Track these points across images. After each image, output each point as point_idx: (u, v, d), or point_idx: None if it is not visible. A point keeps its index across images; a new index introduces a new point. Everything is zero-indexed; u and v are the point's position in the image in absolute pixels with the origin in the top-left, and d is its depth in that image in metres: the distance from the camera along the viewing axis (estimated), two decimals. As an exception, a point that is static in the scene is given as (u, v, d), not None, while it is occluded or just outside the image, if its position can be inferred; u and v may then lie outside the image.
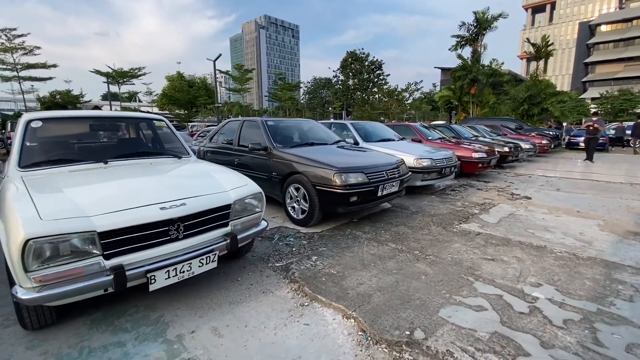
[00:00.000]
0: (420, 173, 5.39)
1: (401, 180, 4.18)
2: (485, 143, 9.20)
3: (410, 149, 5.87)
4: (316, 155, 3.91)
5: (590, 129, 11.04)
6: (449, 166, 5.82)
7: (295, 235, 3.72)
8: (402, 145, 6.35)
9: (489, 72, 19.15)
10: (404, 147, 6.13)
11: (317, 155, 3.96)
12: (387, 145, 6.10)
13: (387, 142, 6.42)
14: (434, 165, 5.53)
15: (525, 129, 15.71)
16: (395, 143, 6.49)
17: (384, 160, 4.27)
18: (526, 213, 4.68)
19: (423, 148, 6.38)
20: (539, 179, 7.72)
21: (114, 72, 26.86)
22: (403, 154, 5.50)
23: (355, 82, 44.66)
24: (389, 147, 5.89)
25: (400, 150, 5.62)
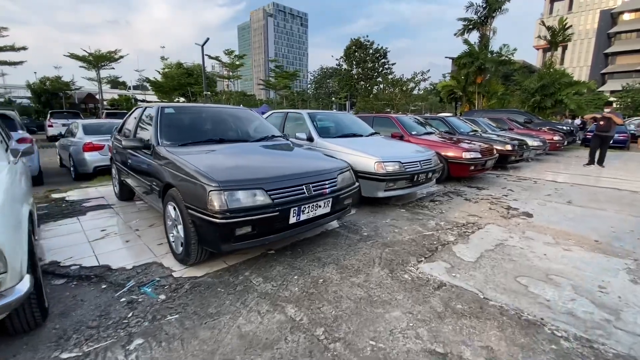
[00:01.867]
0: (382, 181, 4.06)
1: (336, 197, 2.87)
2: (484, 140, 7.75)
3: (375, 149, 4.52)
4: (197, 160, 2.61)
5: (600, 125, 8.28)
6: (425, 171, 4.46)
7: (161, 281, 2.47)
8: (368, 143, 5.00)
9: (497, 59, 17.34)
10: (369, 145, 4.79)
11: (200, 159, 2.66)
12: (349, 142, 4.76)
13: (352, 139, 5.08)
14: (402, 170, 4.18)
15: (536, 123, 14.06)
16: (363, 140, 5.14)
17: (311, 166, 2.96)
18: (521, 243, 3.33)
19: (396, 147, 5.03)
20: (546, 185, 6.29)
21: (90, 55, 25.61)
22: (362, 156, 4.18)
23: (359, 71, 42.78)
24: (349, 145, 4.55)
25: (360, 150, 4.29)
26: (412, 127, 7.00)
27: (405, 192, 4.36)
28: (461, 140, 6.85)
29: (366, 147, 4.51)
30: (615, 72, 54.48)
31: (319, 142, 4.75)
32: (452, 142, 6.30)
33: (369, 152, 4.22)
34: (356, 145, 4.54)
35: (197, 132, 3.42)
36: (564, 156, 11.18)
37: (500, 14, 17.32)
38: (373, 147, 4.67)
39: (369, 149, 4.44)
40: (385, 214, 4.24)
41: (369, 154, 4.16)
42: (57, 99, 27.75)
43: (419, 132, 6.83)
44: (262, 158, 3.04)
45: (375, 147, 4.64)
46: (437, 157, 5.94)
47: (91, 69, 26.32)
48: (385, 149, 4.64)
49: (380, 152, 4.36)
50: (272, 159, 3.04)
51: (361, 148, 4.38)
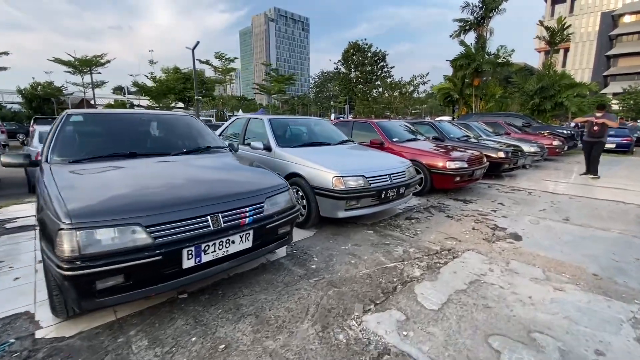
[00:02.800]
0: (342, 199, 3.44)
1: (261, 227, 2.26)
2: (475, 146, 7.13)
3: (338, 160, 3.91)
4: (67, 182, 2.01)
5: (593, 130, 7.15)
6: (397, 186, 3.84)
7: (14, 345, 1.87)
8: (333, 152, 4.38)
9: (495, 60, 16.70)
10: (332, 156, 4.18)
11: (73, 181, 2.06)
12: (310, 153, 4.14)
13: (316, 148, 4.47)
14: (366, 186, 3.56)
15: (535, 126, 13.43)
16: (328, 149, 4.52)
17: (225, 188, 2.33)
18: (503, 279, 2.69)
19: (365, 158, 4.41)
20: (542, 198, 5.64)
21: (76, 60, 25.18)
22: (319, 169, 3.57)
23: (357, 75, 42.27)
24: (308, 156, 3.93)
25: (318, 162, 3.67)
26: (395, 133, 6.39)
27: (372, 211, 3.73)
28: (448, 148, 6.23)
29: (327, 159, 3.89)
30: (618, 74, 53.75)
31: (277, 152, 4.15)
32: (436, 150, 5.68)
33: (328, 164, 3.61)
34: (317, 156, 3.93)
35: (101, 144, 2.81)
36: (564, 162, 10.51)
37: (497, 14, 16.75)
38: (336, 158, 4.06)
39: (330, 160, 3.83)
40: (347, 237, 3.62)
41: (328, 166, 3.54)
42: (48, 104, 27.42)
43: (401, 138, 6.22)
44: (162, 178, 2.36)
45: (338, 158, 4.03)
46: (420, 167, 5.35)
47: (76, 73, 25.88)
48: (350, 160, 4.03)
49: (342, 164, 3.74)
50: (172, 180, 2.36)
51: (321, 159, 3.77)
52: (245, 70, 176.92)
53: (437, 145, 6.38)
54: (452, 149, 6.16)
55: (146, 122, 3.33)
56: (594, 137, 7.22)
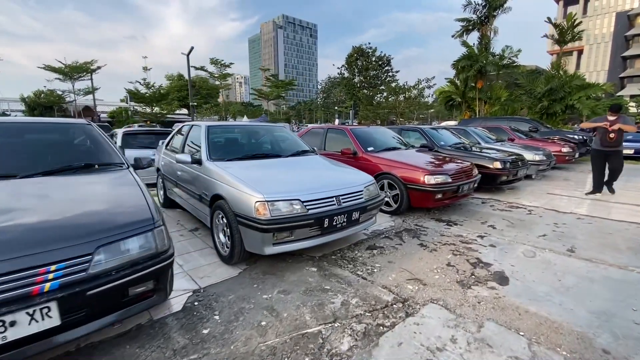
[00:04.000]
0: (266, 231, 2.63)
1: (75, 294, 1.47)
2: (468, 155, 6.24)
3: (272, 178, 3.12)
4: None
5: (609, 138, 5.59)
6: (348, 210, 3.01)
7: None
8: (276, 167, 3.57)
9: (499, 61, 15.67)
10: (272, 171, 3.38)
11: None
12: (244, 168, 3.35)
13: (260, 161, 3.66)
14: (301, 213, 2.75)
15: (543, 131, 12.36)
16: (275, 163, 3.71)
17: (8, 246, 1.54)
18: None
19: (316, 173, 3.59)
20: (544, 217, 4.71)
21: (67, 67, 25.08)
22: (243, 190, 2.78)
23: (361, 79, 41.50)
24: (238, 172, 3.13)
25: (243, 182, 2.88)
26: (371, 141, 5.56)
27: (311, 245, 2.91)
28: (433, 158, 5.37)
29: (260, 175, 3.10)
30: (635, 75, 51.63)
31: (206, 167, 3.37)
32: (416, 161, 4.81)
33: (255, 184, 2.81)
34: (248, 172, 3.14)
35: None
36: (575, 171, 9.46)
37: (502, 12, 15.79)
38: (274, 174, 3.26)
39: (262, 178, 3.04)
40: (280, 279, 2.80)
41: (252, 187, 2.75)
42: (51, 112, 27.51)
43: (377, 147, 5.38)
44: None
45: (276, 175, 3.23)
46: (395, 181, 4.53)
47: (66, 80, 25.82)
48: (291, 178, 3.22)
49: (276, 183, 2.95)
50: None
51: (249, 177, 2.97)
52: (254, 77, 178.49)
53: (421, 155, 5.52)
54: (437, 159, 5.30)
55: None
56: (609, 146, 5.67)
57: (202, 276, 2.86)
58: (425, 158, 5.27)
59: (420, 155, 5.42)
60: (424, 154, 5.61)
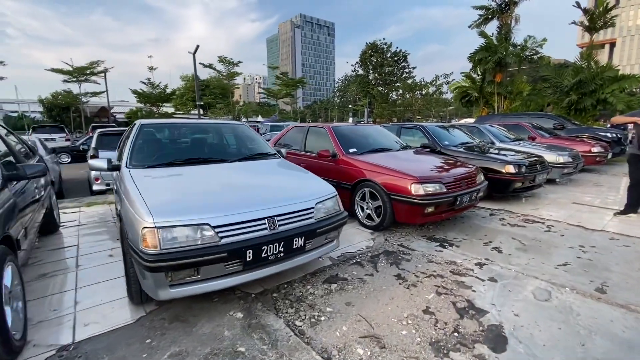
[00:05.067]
0: (156, 270, 1.89)
1: None
2: (475, 157, 5.31)
3: (185, 194, 2.37)
4: None
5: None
6: (286, 237, 2.22)
7: None
8: (208, 176, 2.79)
9: (521, 52, 14.23)
10: (197, 183, 2.62)
11: None
12: (174, 178, 2.64)
13: (193, 168, 2.92)
14: (209, 244, 1.99)
15: (570, 129, 11.03)
16: (211, 170, 2.94)
17: None
18: None
19: (257, 182, 2.81)
20: (567, 236, 3.74)
21: (74, 69, 25.26)
22: (135, 212, 2.06)
23: (375, 76, 40.30)
24: (149, 185, 2.43)
25: (139, 200, 2.15)
26: (355, 141, 4.74)
27: (230, 284, 2.14)
28: (429, 161, 4.49)
29: (173, 188, 2.38)
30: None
31: (122, 175, 2.68)
32: (404, 165, 3.95)
33: (153, 200, 2.08)
34: (160, 184, 2.43)
35: None
36: (608, 174, 8.23)
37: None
38: (194, 185, 2.50)
39: (173, 192, 2.31)
40: (189, 329, 2.06)
41: (145, 206, 2.02)
42: (67, 113, 28.11)
43: (362, 148, 4.55)
44: None
45: (194, 187, 2.47)
46: (376, 189, 3.71)
47: (72, 81, 26.13)
48: (209, 191, 2.45)
49: (181, 200, 2.21)
50: None
51: (155, 191, 2.25)
52: (271, 77, 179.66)
53: (415, 158, 4.65)
54: (434, 163, 4.41)
55: None
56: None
57: (90, 322, 2.17)
58: (418, 161, 4.41)
59: (413, 158, 4.55)
60: (420, 157, 4.73)
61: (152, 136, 3.23)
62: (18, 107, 33.14)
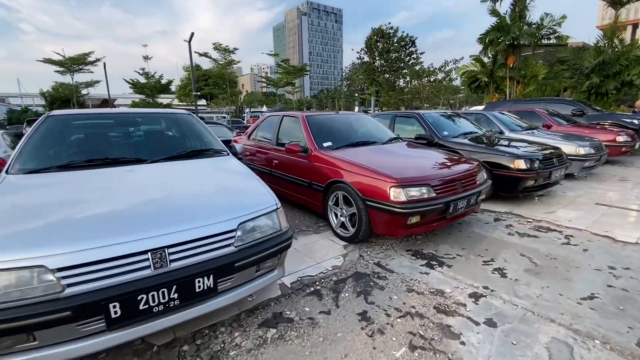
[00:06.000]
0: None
1: None
2: (479, 150, 4.51)
3: (47, 215, 1.68)
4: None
5: None
6: (177, 279, 1.52)
7: None
8: (96, 186, 2.11)
9: (537, 32, 12.97)
10: (79, 195, 1.93)
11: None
12: (57, 187, 1.96)
13: (100, 171, 2.25)
14: (35, 300, 1.30)
15: (591, 115, 9.97)
16: (115, 175, 2.27)
17: None
18: None
19: (161, 194, 2.09)
20: (592, 251, 2.95)
21: (67, 60, 24.65)
22: None
23: (382, 63, 38.81)
24: (22, 201, 1.75)
25: None
26: (333, 132, 4.00)
27: (89, 351, 1.46)
28: (418, 157, 3.73)
29: (20, 209, 1.70)
30: None
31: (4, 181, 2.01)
32: (383, 163, 3.19)
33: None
34: (25, 199, 1.75)
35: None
36: (635, 166, 7.28)
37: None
38: (57, 204, 1.81)
39: (34, 210, 1.63)
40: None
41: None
42: (68, 105, 27.86)
43: (340, 141, 3.80)
44: None
45: (55, 207, 1.77)
46: (350, 193, 2.99)
47: (66, 73, 25.61)
48: (83, 206, 1.75)
49: (23, 226, 1.52)
50: None
51: (12, 209, 1.58)
52: (279, 66, 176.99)
53: (402, 152, 3.87)
54: (425, 159, 3.64)
55: None
56: None
57: None
58: (405, 158, 3.64)
59: (400, 154, 3.77)
60: (409, 151, 3.95)
61: (57, 131, 2.55)
62: (21, 100, 33.10)
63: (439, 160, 3.51)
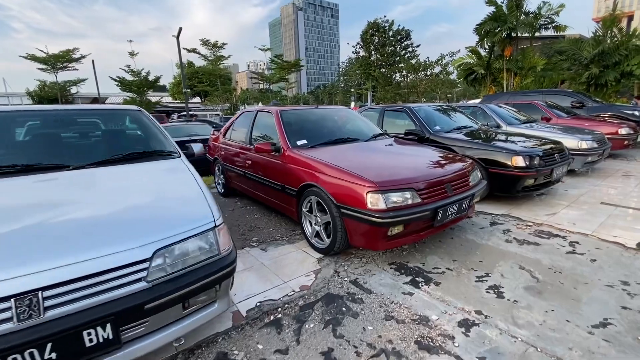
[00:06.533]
0: None
1: None
2: (473, 146, 4.12)
3: None
4: None
5: None
6: (52, 335, 1.12)
7: None
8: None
9: (534, 22, 12.53)
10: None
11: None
12: None
13: (23, 179, 1.84)
14: None
15: (590, 107, 9.58)
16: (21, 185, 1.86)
17: None
18: None
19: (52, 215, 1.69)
20: (601, 259, 2.56)
21: (50, 57, 23.87)
22: None
23: (377, 57, 38.25)
24: None
25: None
26: (308, 129, 3.59)
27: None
28: (405, 156, 3.32)
29: None
30: None
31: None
32: (360, 164, 2.79)
33: None
34: None
35: None
36: (638, 160, 6.90)
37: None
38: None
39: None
40: None
41: None
42: (57, 104, 27.16)
43: (316, 140, 3.38)
44: None
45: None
46: (324, 199, 2.59)
47: (50, 71, 24.90)
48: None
49: None
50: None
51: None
52: (272, 62, 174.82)
53: (386, 151, 3.46)
54: (411, 158, 3.24)
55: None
56: None
57: None
58: (388, 157, 3.23)
59: (383, 152, 3.36)
60: (395, 149, 3.54)
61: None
62: (8, 100, 32.33)
63: (426, 158, 3.11)
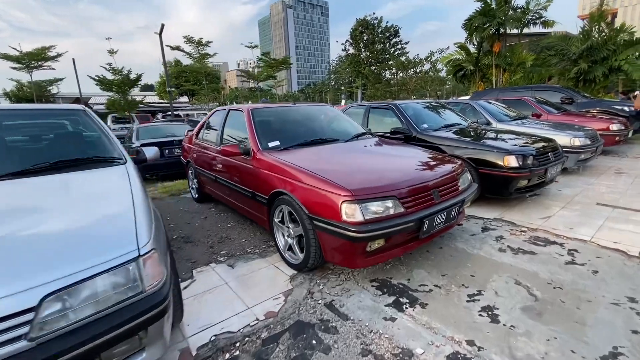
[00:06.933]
0: None
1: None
2: (459, 145, 3.85)
3: None
4: None
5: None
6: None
7: None
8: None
9: (522, 17, 12.40)
10: None
11: None
12: None
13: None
14: None
15: (580, 102, 9.45)
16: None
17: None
18: None
19: None
20: (603, 270, 2.30)
21: (24, 55, 22.93)
22: None
23: (367, 55, 38.01)
24: None
25: None
26: (283, 129, 3.27)
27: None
28: (386, 158, 3.02)
29: None
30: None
31: None
32: (336, 168, 2.48)
33: None
34: None
35: None
36: (629, 157, 6.76)
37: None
38: None
39: None
40: None
41: None
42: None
43: (290, 141, 3.05)
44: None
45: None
46: (296, 210, 2.27)
47: (24, 70, 23.98)
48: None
49: None
50: None
51: None
52: (260, 60, 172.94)
53: (370, 151, 3.16)
54: (395, 160, 2.94)
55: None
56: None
57: None
58: (368, 159, 2.92)
59: (363, 154, 3.05)
60: (377, 150, 3.24)
61: None
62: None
63: (411, 160, 2.81)
